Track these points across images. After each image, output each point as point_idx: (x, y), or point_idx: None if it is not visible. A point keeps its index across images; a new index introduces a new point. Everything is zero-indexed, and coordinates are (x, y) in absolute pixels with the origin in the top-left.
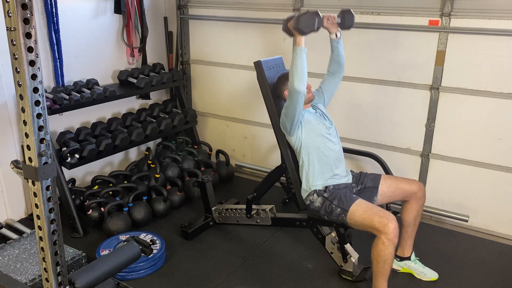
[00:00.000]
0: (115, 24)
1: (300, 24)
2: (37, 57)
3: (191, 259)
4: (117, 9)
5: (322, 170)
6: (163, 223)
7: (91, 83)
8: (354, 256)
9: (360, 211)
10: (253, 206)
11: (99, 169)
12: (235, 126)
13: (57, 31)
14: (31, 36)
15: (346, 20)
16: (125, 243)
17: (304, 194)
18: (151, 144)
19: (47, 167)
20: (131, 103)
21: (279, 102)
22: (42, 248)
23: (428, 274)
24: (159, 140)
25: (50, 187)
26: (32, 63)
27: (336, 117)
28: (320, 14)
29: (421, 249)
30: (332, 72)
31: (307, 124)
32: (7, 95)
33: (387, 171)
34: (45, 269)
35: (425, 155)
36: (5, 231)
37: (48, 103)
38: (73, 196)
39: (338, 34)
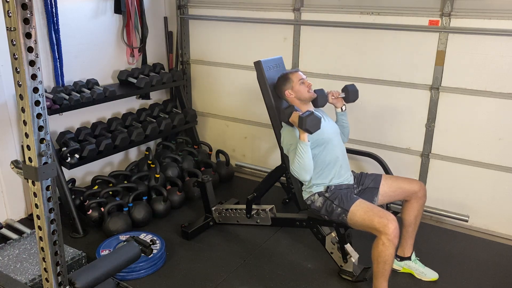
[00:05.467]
0: (115, 24)
1: (307, 125)
2: (37, 57)
3: (191, 259)
4: (117, 9)
5: (324, 173)
6: (163, 223)
7: (91, 83)
8: (354, 256)
9: (361, 212)
10: (253, 206)
11: (99, 169)
12: (235, 126)
13: (57, 31)
14: (31, 36)
15: (350, 95)
16: (125, 243)
17: (305, 195)
18: (151, 144)
19: (47, 167)
20: (131, 103)
21: (279, 102)
22: (42, 248)
23: (428, 274)
24: (159, 140)
25: (50, 187)
26: (32, 63)
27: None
28: (324, 91)
29: (421, 249)
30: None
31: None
32: (7, 95)
33: (387, 171)
34: (45, 269)
35: (425, 155)
36: (5, 231)
37: (48, 103)
38: (73, 196)
39: (344, 108)
